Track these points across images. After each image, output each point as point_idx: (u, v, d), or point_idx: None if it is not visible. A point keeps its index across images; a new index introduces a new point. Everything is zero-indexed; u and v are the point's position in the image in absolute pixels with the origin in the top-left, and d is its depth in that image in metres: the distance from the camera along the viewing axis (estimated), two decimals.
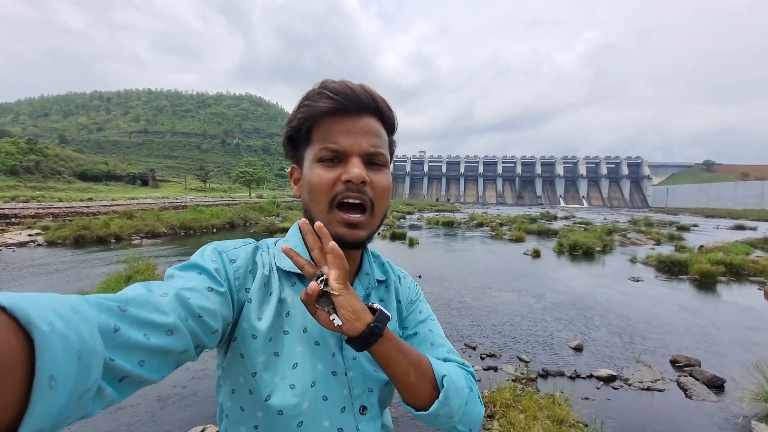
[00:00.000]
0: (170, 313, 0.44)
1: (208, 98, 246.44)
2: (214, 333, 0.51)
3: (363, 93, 0.62)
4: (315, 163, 0.62)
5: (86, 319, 0.33)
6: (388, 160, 0.67)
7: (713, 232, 19.61)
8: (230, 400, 0.61)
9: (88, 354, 0.31)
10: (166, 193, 59.46)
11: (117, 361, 0.36)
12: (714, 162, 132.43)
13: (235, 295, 0.58)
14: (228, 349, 0.60)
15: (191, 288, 0.50)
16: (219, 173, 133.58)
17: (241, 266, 0.61)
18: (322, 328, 0.63)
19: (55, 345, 0.28)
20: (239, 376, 0.59)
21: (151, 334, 0.41)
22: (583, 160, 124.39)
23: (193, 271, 0.55)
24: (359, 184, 0.60)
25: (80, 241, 11.04)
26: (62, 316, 0.30)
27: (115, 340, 0.36)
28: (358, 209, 0.62)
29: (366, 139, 0.62)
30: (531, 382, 3.29)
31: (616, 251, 11.65)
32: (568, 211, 48.74)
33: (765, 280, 7.36)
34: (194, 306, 0.48)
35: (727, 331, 4.69)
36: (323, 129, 0.62)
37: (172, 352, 0.43)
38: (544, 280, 7.37)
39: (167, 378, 3.07)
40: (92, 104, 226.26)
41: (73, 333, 0.30)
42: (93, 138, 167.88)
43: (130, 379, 0.38)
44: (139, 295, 0.43)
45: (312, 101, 0.61)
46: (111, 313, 0.37)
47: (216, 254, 0.59)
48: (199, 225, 14.98)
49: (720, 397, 3.11)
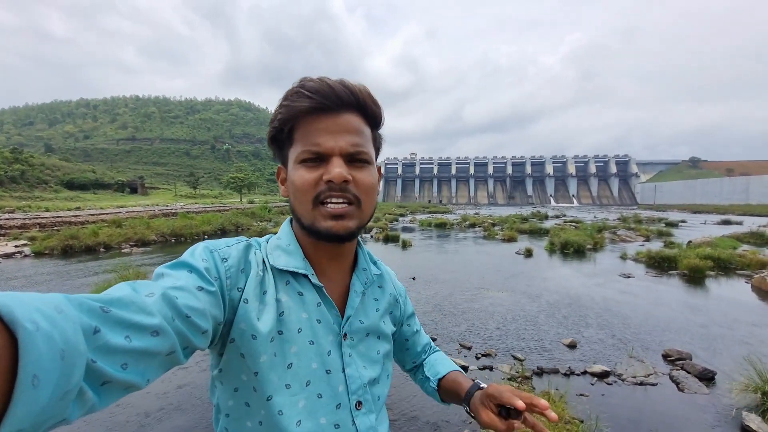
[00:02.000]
0: (156, 314, 0.43)
1: (196, 104, 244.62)
2: (204, 333, 0.50)
3: (342, 89, 0.61)
4: (297, 164, 0.62)
5: (69, 318, 0.32)
6: (371, 156, 0.66)
7: (701, 228, 19.96)
8: (232, 398, 0.61)
9: (72, 354, 0.31)
10: (156, 201, 58.75)
11: (98, 363, 0.35)
12: (700, 159, 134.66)
13: (226, 295, 0.57)
14: (224, 350, 0.59)
15: (180, 287, 0.49)
16: (209, 179, 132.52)
17: (233, 265, 0.59)
18: (315, 327, 0.63)
19: (39, 344, 0.27)
20: (241, 374, 0.59)
21: (133, 335, 0.39)
22: (572, 160, 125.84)
23: (183, 269, 0.54)
24: (341, 183, 0.60)
25: (68, 251, 10.83)
26: (46, 315, 0.30)
27: (96, 342, 0.35)
28: (344, 202, 0.62)
29: (346, 138, 0.61)
30: (526, 380, 3.31)
31: (607, 248, 11.79)
32: (559, 210, 49.23)
33: (752, 273, 7.50)
34: (182, 306, 0.47)
35: (717, 324, 4.77)
36: (303, 129, 0.62)
37: (157, 355, 0.42)
38: (537, 279, 7.43)
39: (154, 389, 3.03)
40: (78, 112, 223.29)
41: (57, 332, 0.30)
42: (80, 146, 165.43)
43: (113, 384, 0.37)
44: (124, 296, 0.41)
45: (290, 101, 0.61)
46: (92, 314, 0.36)
47: (207, 253, 0.58)
48: (189, 232, 14.81)
49: (711, 389, 3.16)
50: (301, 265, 0.65)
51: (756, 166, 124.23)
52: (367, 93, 0.64)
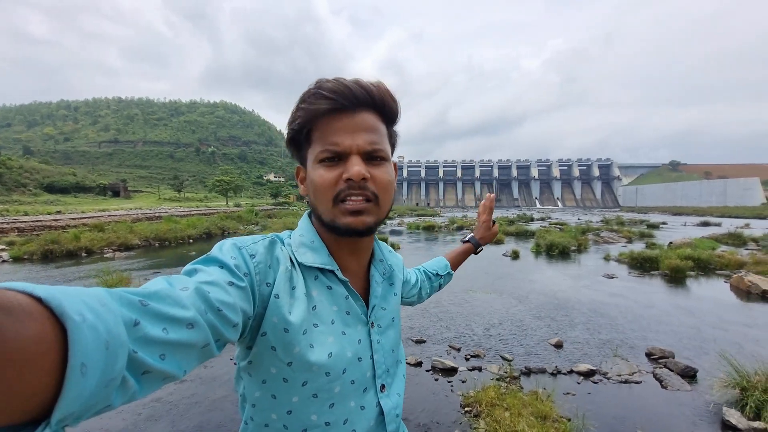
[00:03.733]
0: (190, 307, 0.44)
1: (181, 106, 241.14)
2: (235, 327, 0.52)
3: (358, 89, 0.63)
4: (317, 163, 0.64)
5: (112, 311, 0.34)
6: (388, 153, 0.68)
7: (681, 229, 20.48)
8: (259, 390, 0.63)
9: (115, 344, 0.32)
10: (139, 204, 57.62)
11: (139, 353, 0.37)
12: (679, 162, 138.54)
13: (256, 290, 0.58)
14: (254, 343, 0.61)
15: (211, 282, 0.50)
16: (194, 182, 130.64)
17: (261, 261, 0.61)
18: (346, 318, 0.68)
19: (85, 334, 0.29)
20: (271, 367, 0.61)
21: (170, 328, 0.41)
22: (557, 163, 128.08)
23: (214, 265, 0.55)
24: (360, 181, 0.62)
25: (49, 256, 10.53)
26: (91, 308, 0.32)
27: (136, 334, 0.37)
28: (362, 199, 0.64)
29: (364, 137, 0.63)
30: (514, 380, 3.34)
31: (591, 250, 12.01)
32: (544, 212, 49.93)
33: (730, 273, 7.73)
34: (214, 300, 0.48)
35: (697, 323, 4.90)
36: (322, 129, 0.64)
37: (192, 346, 0.44)
38: (524, 280, 7.52)
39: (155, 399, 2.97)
40: (59, 114, 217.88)
41: (101, 324, 0.32)
42: (60, 149, 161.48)
43: (153, 374, 0.39)
44: (161, 290, 0.43)
45: (309, 103, 0.63)
46: (132, 307, 0.38)
47: (235, 250, 0.60)
48: (174, 236, 14.55)
49: (693, 386, 3.24)
50: (327, 261, 0.68)
51: (733, 169, 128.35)
52: (384, 90, 0.66)
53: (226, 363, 3.68)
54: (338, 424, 0.65)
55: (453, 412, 2.87)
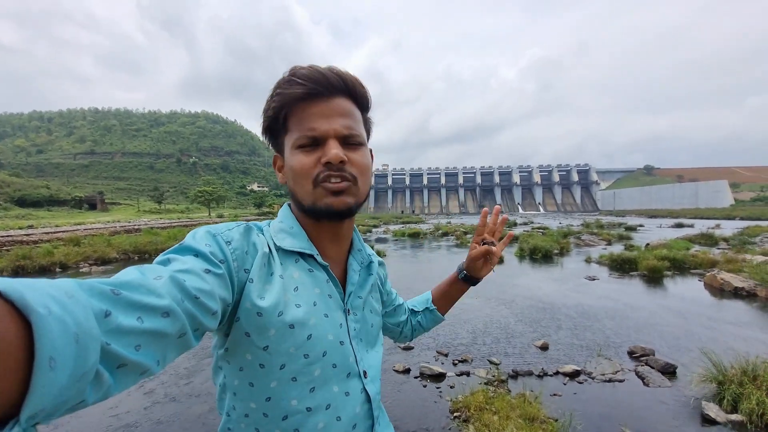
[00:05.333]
0: (165, 296, 0.43)
1: (161, 116, 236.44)
2: (213, 314, 0.51)
3: (332, 75, 0.63)
4: (294, 149, 0.65)
5: (80, 302, 0.33)
6: (364, 138, 0.69)
7: (657, 231, 21.14)
8: (238, 378, 0.62)
9: (85, 337, 0.31)
10: (117, 217, 56.06)
11: (113, 345, 0.35)
12: (653, 167, 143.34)
13: (234, 277, 0.57)
14: (230, 330, 0.60)
15: (186, 270, 0.49)
16: (175, 193, 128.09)
17: (238, 248, 0.60)
18: (328, 301, 0.68)
19: (52, 327, 0.28)
20: (246, 353, 0.60)
21: (145, 317, 0.39)
22: (537, 169, 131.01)
23: (188, 254, 0.54)
24: (339, 164, 0.63)
25: (20, 272, 10.09)
26: (57, 300, 0.30)
27: (109, 325, 0.35)
28: (342, 180, 0.64)
29: (340, 121, 0.64)
30: (502, 383, 3.37)
31: (573, 253, 12.26)
32: (527, 217, 50.84)
33: (704, 272, 8.02)
34: (190, 288, 0.47)
35: (675, 320, 5.04)
36: (298, 115, 0.64)
37: (169, 336, 0.42)
38: (509, 284, 7.61)
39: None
40: (31, 125, 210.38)
41: (69, 316, 0.30)
42: (32, 161, 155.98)
43: (128, 368, 0.38)
44: (133, 279, 0.42)
45: (283, 89, 0.63)
46: (103, 297, 0.36)
47: (210, 237, 0.59)
48: (154, 248, 14.16)
49: (673, 382, 3.33)
50: (307, 245, 0.68)
51: (703, 172, 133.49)
52: (355, 78, 0.67)
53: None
54: (320, 409, 0.63)
55: (442, 417, 2.87)
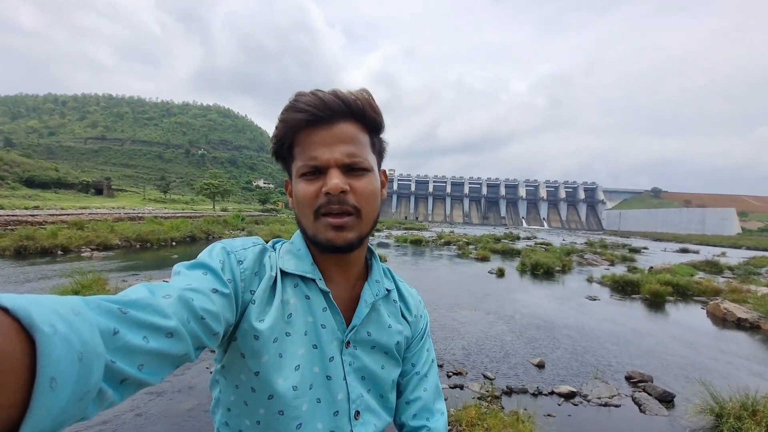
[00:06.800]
0: (172, 316, 0.43)
1: (173, 107, 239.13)
2: (215, 335, 0.51)
3: (333, 100, 0.61)
4: (298, 177, 0.64)
5: (87, 320, 0.33)
6: (370, 163, 0.65)
7: (661, 255, 20.97)
8: (233, 394, 0.62)
9: (90, 356, 0.31)
10: (123, 203, 56.47)
11: (117, 363, 0.36)
12: (661, 189, 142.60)
13: (240, 297, 0.58)
14: (228, 348, 0.61)
15: (195, 289, 0.50)
16: (181, 184, 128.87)
17: (248, 268, 0.61)
18: (320, 331, 0.65)
19: (56, 346, 0.28)
20: (241, 374, 0.60)
21: (150, 337, 0.40)
22: (544, 184, 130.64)
23: (200, 270, 0.55)
24: (339, 194, 0.61)
25: (22, 253, 10.19)
26: (63, 318, 0.30)
27: (115, 343, 0.36)
28: (344, 214, 0.62)
29: (341, 149, 0.62)
30: (495, 399, 3.32)
31: (575, 271, 12.16)
32: (530, 232, 50.59)
33: (707, 300, 7.90)
34: (198, 308, 0.48)
35: (676, 348, 4.97)
36: (301, 143, 0.63)
37: (171, 356, 0.43)
38: (508, 299, 7.55)
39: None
40: (45, 107, 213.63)
41: (75, 335, 0.30)
42: (44, 142, 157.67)
43: (130, 382, 0.38)
44: (141, 298, 0.42)
45: (285, 116, 0.63)
46: (111, 316, 0.37)
47: (224, 254, 0.60)
48: (156, 238, 14.24)
49: (670, 411, 3.27)
50: (309, 269, 0.67)
51: (711, 198, 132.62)
52: (364, 99, 0.64)
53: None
54: None
55: None
